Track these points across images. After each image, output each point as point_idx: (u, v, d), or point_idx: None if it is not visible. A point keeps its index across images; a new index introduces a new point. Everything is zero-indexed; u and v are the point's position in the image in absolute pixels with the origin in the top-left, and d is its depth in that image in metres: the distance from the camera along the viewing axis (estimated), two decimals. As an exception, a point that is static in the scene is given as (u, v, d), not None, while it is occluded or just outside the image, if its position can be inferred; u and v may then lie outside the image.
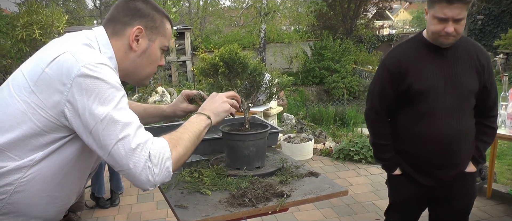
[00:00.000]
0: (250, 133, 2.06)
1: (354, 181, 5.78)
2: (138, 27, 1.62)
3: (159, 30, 1.69)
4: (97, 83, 1.40)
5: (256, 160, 2.08)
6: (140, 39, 1.64)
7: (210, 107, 1.79)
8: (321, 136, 7.69)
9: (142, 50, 1.65)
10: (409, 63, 2.46)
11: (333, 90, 14.59)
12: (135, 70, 1.69)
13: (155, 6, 1.69)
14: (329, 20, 20.22)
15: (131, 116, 1.46)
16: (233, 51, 1.94)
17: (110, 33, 1.63)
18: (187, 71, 16.07)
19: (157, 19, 1.67)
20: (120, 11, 1.64)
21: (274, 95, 2.05)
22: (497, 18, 21.38)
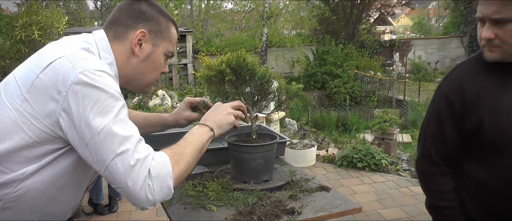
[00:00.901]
0: (258, 144, 1.94)
1: (358, 189, 5.67)
2: (141, 31, 1.51)
3: (164, 35, 1.58)
4: (95, 92, 1.28)
5: (264, 173, 1.96)
6: (144, 44, 1.53)
7: (214, 118, 1.68)
8: (324, 142, 7.59)
9: (145, 56, 1.55)
10: (477, 88, 1.71)
11: (335, 96, 14.49)
12: (137, 77, 1.58)
13: (160, 9, 1.59)
14: (331, 25, 20.15)
15: (131, 128, 1.34)
16: (241, 57, 1.82)
17: (112, 37, 1.52)
18: (188, 74, 15.98)
19: (162, 23, 1.57)
20: (123, 14, 1.54)
21: (283, 104, 1.93)
22: (499, 25, 21.34)
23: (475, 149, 1.73)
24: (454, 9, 25.97)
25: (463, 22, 24.16)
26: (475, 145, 1.72)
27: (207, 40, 18.92)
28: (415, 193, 5.50)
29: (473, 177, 1.75)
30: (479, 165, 1.72)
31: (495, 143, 1.64)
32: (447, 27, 28.61)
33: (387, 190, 5.63)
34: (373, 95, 14.93)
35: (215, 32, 19.75)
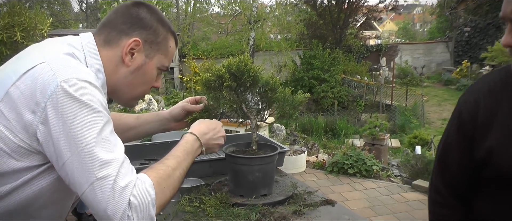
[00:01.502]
0: (255, 156, 1.80)
1: (349, 196, 5.58)
2: (135, 40, 1.36)
3: (160, 47, 1.44)
4: (77, 105, 1.14)
5: (262, 187, 1.82)
6: (136, 54, 1.38)
7: (206, 136, 1.56)
8: (313, 148, 7.50)
9: (136, 67, 1.40)
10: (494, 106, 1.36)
11: (322, 100, 14.42)
12: (124, 88, 1.43)
13: (161, 18, 1.45)
14: (318, 29, 20.11)
15: (114, 148, 1.18)
16: (242, 62, 1.69)
17: (102, 41, 1.37)
18: (175, 78, 15.83)
19: (160, 33, 1.43)
20: (119, 17, 1.39)
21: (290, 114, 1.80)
22: (483, 30, 21.67)
23: (484, 182, 1.41)
24: (439, 14, 26.17)
25: (448, 27, 24.35)
26: (484, 178, 1.40)
27: (194, 44, 18.76)
28: (408, 199, 5.42)
29: (480, 215, 1.44)
30: (489, 202, 1.41)
31: (507, 177, 1.30)
32: (432, 32, 28.84)
33: (379, 196, 5.55)
34: (360, 100, 14.90)
35: (201, 35, 19.61)
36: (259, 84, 1.76)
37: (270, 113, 1.89)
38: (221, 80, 1.73)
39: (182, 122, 1.88)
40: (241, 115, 1.80)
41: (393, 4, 20.89)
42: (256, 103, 1.81)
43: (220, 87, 1.75)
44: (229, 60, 1.72)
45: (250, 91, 1.77)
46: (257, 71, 1.71)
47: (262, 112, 1.82)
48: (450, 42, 23.28)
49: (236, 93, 1.76)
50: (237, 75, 1.71)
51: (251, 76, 1.71)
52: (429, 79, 21.21)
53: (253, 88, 1.75)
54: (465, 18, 22.50)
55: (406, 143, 9.58)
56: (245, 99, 1.77)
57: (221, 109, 1.79)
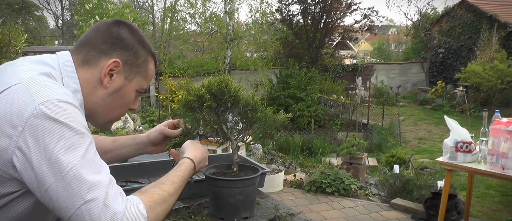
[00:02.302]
0: (236, 178, 1.75)
1: (328, 215, 5.55)
2: (115, 60, 1.32)
3: (140, 69, 1.40)
4: (58, 127, 1.07)
5: (243, 210, 1.77)
6: (115, 75, 1.34)
7: (200, 165, 1.58)
8: (291, 167, 7.47)
9: (115, 89, 1.35)
10: None
11: (299, 119, 14.41)
12: (102, 111, 1.38)
13: (142, 39, 1.41)
14: (294, 48, 20.21)
15: (100, 169, 1.13)
16: (223, 82, 1.65)
17: (81, 61, 1.32)
18: (151, 96, 15.69)
19: (140, 55, 1.39)
20: (99, 36, 1.33)
21: (269, 135, 1.76)
22: (456, 52, 22.14)
23: None
24: (414, 35, 26.60)
25: (423, 48, 24.75)
26: None
27: (170, 61, 18.67)
28: (386, 218, 5.41)
29: None
30: None
31: None
32: (407, 53, 29.27)
33: (358, 215, 5.53)
34: (336, 119, 14.95)
35: (177, 53, 19.53)
36: (240, 104, 1.72)
37: (250, 133, 1.85)
38: (201, 101, 1.68)
39: (159, 146, 1.83)
40: (221, 135, 1.76)
41: (368, 25, 21.12)
42: (237, 123, 1.77)
43: (200, 108, 1.70)
44: (209, 80, 1.68)
45: (231, 112, 1.73)
46: (237, 91, 1.67)
47: (243, 132, 1.78)
48: (425, 63, 23.66)
49: (216, 113, 1.72)
50: (217, 96, 1.67)
51: (232, 96, 1.67)
52: (405, 99, 21.45)
53: (233, 108, 1.71)
54: (439, 40, 22.97)
55: (383, 161, 9.62)
56: (225, 120, 1.73)
57: (198, 130, 1.75)
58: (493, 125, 3.67)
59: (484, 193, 7.18)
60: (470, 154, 3.98)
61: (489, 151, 3.76)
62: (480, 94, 17.59)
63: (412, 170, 7.82)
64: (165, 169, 2.11)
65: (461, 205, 5.15)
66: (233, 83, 1.68)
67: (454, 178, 7.78)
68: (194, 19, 18.37)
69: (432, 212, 5.12)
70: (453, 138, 4.03)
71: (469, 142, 3.98)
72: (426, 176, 7.38)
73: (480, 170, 3.89)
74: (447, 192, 4.30)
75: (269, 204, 1.95)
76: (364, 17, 20.80)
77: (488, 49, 18.26)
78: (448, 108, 17.97)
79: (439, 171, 7.88)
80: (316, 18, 19.48)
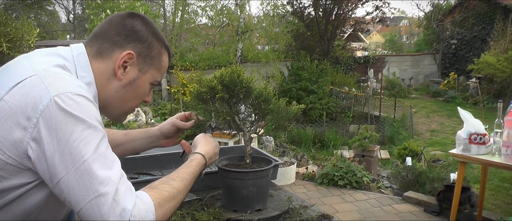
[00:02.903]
0: (249, 170, 1.75)
1: (340, 207, 5.53)
2: (129, 52, 1.32)
3: (154, 61, 1.40)
4: (72, 121, 1.08)
5: (257, 202, 1.76)
6: (129, 67, 1.34)
7: (211, 160, 1.58)
8: (303, 160, 7.45)
9: (129, 81, 1.36)
10: None
11: (310, 111, 14.38)
12: (116, 103, 1.38)
13: (156, 31, 1.41)
14: (306, 41, 20.14)
15: (112, 164, 1.13)
16: (235, 73, 1.64)
17: (94, 53, 1.32)
18: (162, 90, 15.73)
19: (154, 47, 1.39)
20: (113, 28, 1.33)
21: (282, 127, 1.75)
22: (469, 43, 21.93)
23: None
24: (426, 27, 26.39)
25: (435, 39, 24.55)
26: None
27: (181, 55, 18.70)
28: (399, 211, 5.39)
29: None
30: None
31: None
32: (419, 45, 29.04)
33: (370, 208, 5.51)
34: (348, 111, 14.90)
35: (189, 46, 19.54)
36: (252, 95, 1.70)
37: (262, 124, 1.83)
38: (213, 92, 1.67)
39: (172, 139, 1.83)
40: (234, 127, 1.75)
41: (380, 16, 20.98)
42: (249, 115, 1.76)
43: (212, 99, 1.70)
44: (221, 71, 1.67)
45: (243, 103, 1.72)
46: (250, 82, 1.66)
47: (255, 124, 1.76)
48: (437, 54, 23.48)
49: (228, 105, 1.71)
50: (229, 87, 1.66)
51: (244, 87, 1.66)
52: (417, 91, 21.32)
53: (246, 99, 1.70)
54: (452, 31, 22.77)
55: (395, 154, 9.56)
56: (237, 111, 1.72)
57: (210, 122, 1.74)
58: (508, 116, 3.62)
59: (498, 185, 7.12)
60: (484, 146, 3.94)
61: (504, 142, 3.71)
62: (493, 85, 17.42)
63: (425, 163, 7.77)
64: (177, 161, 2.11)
65: (474, 198, 5.11)
66: (245, 75, 1.67)
67: (467, 170, 7.71)
68: (205, 12, 18.37)
69: (445, 205, 5.08)
70: (466, 129, 3.98)
71: (483, 133, 3.94)
72: (439, 168, 7.33)
73: (495, 162, 3.85)
74: (460, 185, 4.26)
75: (282, 196, 1.94)
76: (376, 8, 20.67)
77: (503, 39, 18.05)
78: (461, 100, 17.81)
79: (452, 164, 7.82)
80: (328, 10, 19.39)
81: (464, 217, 4.85)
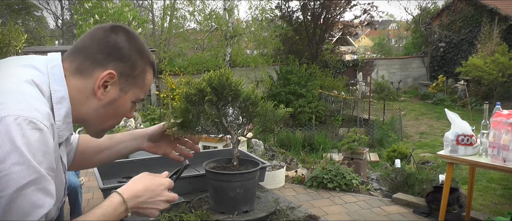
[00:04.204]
0: (236, 172, 1.75)
1: (330, 210, 5.55)
2: (110, 72, 1.25)
3: (137, 81, 1.34)
4: (8, 148, 1.02)
5: (243, 204, 1.77)
6: (109, 87, 1.28)
7: (138, 200, 1.31)
8: (292, 163, 7.46)
9: (109, 100, 1.30)
10: None
11: (300, 115, 14.40)
12: (94, 121, 1.33)
13: (140, 48, 1.33)
14: (294, 45, 20.18)
15: (30, 211, 1.04)
16: (223, 76, 1.64)
17: (74, 69, 1.26)
18: (151, 95, 15.69)
19: (138, 66, 1.32)
20: (95, 44, 1.27)
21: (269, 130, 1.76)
22: (457, 46, 22.13)
23: None
24: (414, 30, 26.58)
25: (423, 43, 24.73)
26: None
27: (170, 59, 18.68)
28: (388, 212, 5.41)
29: None
30: None
31: None
32: (408, 48, 29.22)
33: (360, 210, 5.53)
34: (337, 115, 14.95)
35: (177, 51, 19.53)
36: (240, 98, 1.71)
37: (250, 127, 1.84)
38: (202, 95, 1.68)
39: (156, 145, 1.77)
40: (221, 129, 1.75)
41: (368, 20, 21.09)
42: (237, 117, 1.77)
43: (200, 101, 1.70)
44: (210, 74, 1.67)
45: (231, 106, 1.73)
46: (238, 85, 1.67)
47: (243, 127, 1.77)
48: (426, 57, 23.66)
49: (216, 107, 1.71)
50: (218, 89, 1.67)
51: (233, 90, 1.66)
52: (406, 94, 21.44)
53: (234, 102, 1.71)
54: (440, 34, 22.97)
55: (384, 156, 9.61)
56: (225, 114, 1.73)
57: (186, 162, 1.59)
58: (494, 117, 3.66)
59: (486, 186, 7.18)
60: (471, 147, 3.97)
61: (490, 143, 3.75)
62: (481, 88, 17.58)
63: (414, 165, 7.81)
64: (165, 165, 2.12)
65: (462, 198, 5.15)
66: (233, 78, 1.68)
67: (455, 171, 7.77)
68: (193, 17, 18.40)
69: (434, 206, 5.12)
70: (454, 131, 4.02)
71: (470, 134, 3.98)
72: (428, 170, 7.38)
73: (481, 163, 3.89)
74: (448, 186, 4.30)
75: (270, 198, 1.95)
76: (364, 12, 20.76)
77: (489, 42, 18.24)
78: (449, 102, 17.95)
79: (441, 165, 7.87)
80: (316, 14, 19.45)
81: (453, 217, 4.89)
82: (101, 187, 1.95)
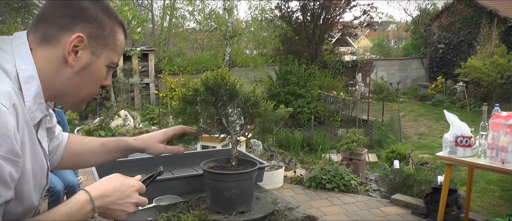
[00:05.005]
0: (232, 172, 1.74)
1: (328, 210, 5.54)
2: (78, 35, 1.16)
3: (108, 42, 1.24)
4: None
5: (240, 204, 1.76)
6: (80, 51, 1.18)
7: (107, 200, 1.23)
8: (291, 163, 7.45)
9: (82, 66, 1.20)
10: None
11: (299, 115, 14.40)
12: (70, 91, 1.23)
13: (106, 7, 1.24)
14: (294, 45, 20.18)
15: None
16: (219, 76, 1.64)
17: (39, 39, 1.17)
18: (150, 94, 15.67)
19: (106, 26, 1.23)
20: (57, 9, 1.17)
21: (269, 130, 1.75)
22: (456, 47, 22.12)
23: None
24: (414, 31, 26.58)
25: (423, 44, 24.73)
26: None
27: (169, 59, 18.68)
28: (386, 213, 5.41)
29: None
30: None
31: None
32: (407, 49, 29.21)
33: (358, 211, 5.52)
34: (336, 115, 14.94)
35: (177, 51, 19.53)
36: (238, 98, 1.70)
37: (251, 128, 1.83)
38: (197, 94, 1.67)
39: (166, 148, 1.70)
40: (220, 129, 1.75)
41: (368, 21, 21.10)
42: (239, 117, 1.76)
43: (196, 101, 1.70)
44: (207, 74, 1.67)
45: (229, 105, 1.72)
46: (234, 84, 1.66)
47: (244, 127, 1.77)
48: (425, 58, 23.66)
49: (215, 107, 1.71)
50: (214, 89, 1.66)
51: (229, 89, 1.66)
52: (405, 95, 21.44)
53: (231, 102, 1.70)
54: (439, 35, 22.98)
55: (383, 157, 9.61)
56: (226, 114, 1.72)
57: (160, 168, 1.53)
58: (492, 119, 3.66)
59: (485, 188, 7.18)
60: (469, 148, 3.97)
61: (488, 145, 3.75)
62: (480, 89, 17.58)
63: (412, 166, 7.81)
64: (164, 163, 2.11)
65: (461, 200, 5.14)
66: (231, 78, 1.67)
67: (454, 173, 7.77)
68: (193, 17, 18.38)
69: (432, 207, 5.11)
70: (452, 132, 4.02)
71: (469, 136, 3.97)
72: (426, 171, 7.37)
73: (480, 164, 3.88)
74: (447, 187, 4.29)
75: (268, 199, 1.94)
76: (364, 13, 20.77)
77: (488, 44, 18.24)
78: (448, 103, 17.95)
79: (439, 166, 7.87)
80: (316, 14, 19.46)
81: (451, 218, 4.88)
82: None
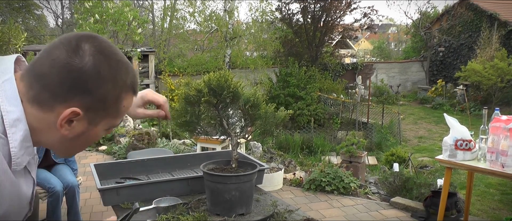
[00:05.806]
0: (232, 174, 1.74)
1: (327, 213, 5.54)
2: (73, 111, 1.00)
3: (109, 112, 1.09)
4: None
5: (239, 206, 1.76)
6: (75, 122, 1.04)
7: None
8: (290, 166, 7.45)
9: (76, 134, 1.07)
10: None
11: (298, 118, 14.41)
12: (61, 148, 1.13)
13: (115, 71, 1.04)
14: (294, 47, 20.19)
15: None
16: (222, 78, 1.64)
17: (31, 97, 1.01)
18: (150, 95, 15.65)
19: (110, 97, 1.05)
20: (55, 73, 0.99)
21: (269, 132, 1.76)
22: (456, 50, 22.13)
23: None
24: (414, 34, 26.59)
25: (423, 47, 24.74)
26: None
27: (169, 60, 18.68)
28: (386, 216, 5.40)
29: None
30: None
31: None
32: (407, 52, 29.22)
33: (357, 214, 5.52)
34: (336, 118, 14.94)
35: (177, 52, 19.53)
36: (240, 100, 1.70)
37: (251, 130, 1.83)
38: (200, 95, 1.67)
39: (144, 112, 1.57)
40: (221, 131, 1.75)
41: (368, 23, 21.11)
42: (239, 119, 1.76)
43: (199, 102, 1.69)
44: (209, 75, 1.66)
45: (231, 108, 1.72)
46: (237, 87, 1.66)
47: (245, 129, 1.77)
48: (425, 61, 23.67)
49: (216, 109, 1.71)
50: (217, 91, 1.66)
51: (231, 92, 1.66)
52: (405, 98, 21.45)
53: (233, 104, 1.70)
54: (439, 38, 22.97)
55: (383, 160, 9.60)
56: (227, 116, 1.72)
57: (136, 205, 1.47)
58: (492, 123, 3.66)
59: (484, 191, 7.17)
60: (469, 152, 3.97)
61: (488, 148, 3.74)
62: (480, 93, 17.58)
63: (412, 169, 7.81)
64: (164, 165, 2.11)
65: (461, 203, 5.14)
66: (233, 80, 1.67)
67: (454, 176, 7.77)
68: (193, 18, 18.38)
69: (432, 211, 5.11)
70: (452, 135, 4.01)
71: (469, 139, 3.97)
72: (426, 174, 7.37)
73: (480, 168, 3.88)
74: (446, 190, 4.29)
75: (268, 201, 1.94)
76: (364, 15, 20.78)
77: (489, 47, 18.25)
78: (448, 107, 17.96)
79: (439, 170, 7.87)
80: (316, 16, 19.47)
81: (451, 222, 4.88)
82: (99, 187, 1.94)
